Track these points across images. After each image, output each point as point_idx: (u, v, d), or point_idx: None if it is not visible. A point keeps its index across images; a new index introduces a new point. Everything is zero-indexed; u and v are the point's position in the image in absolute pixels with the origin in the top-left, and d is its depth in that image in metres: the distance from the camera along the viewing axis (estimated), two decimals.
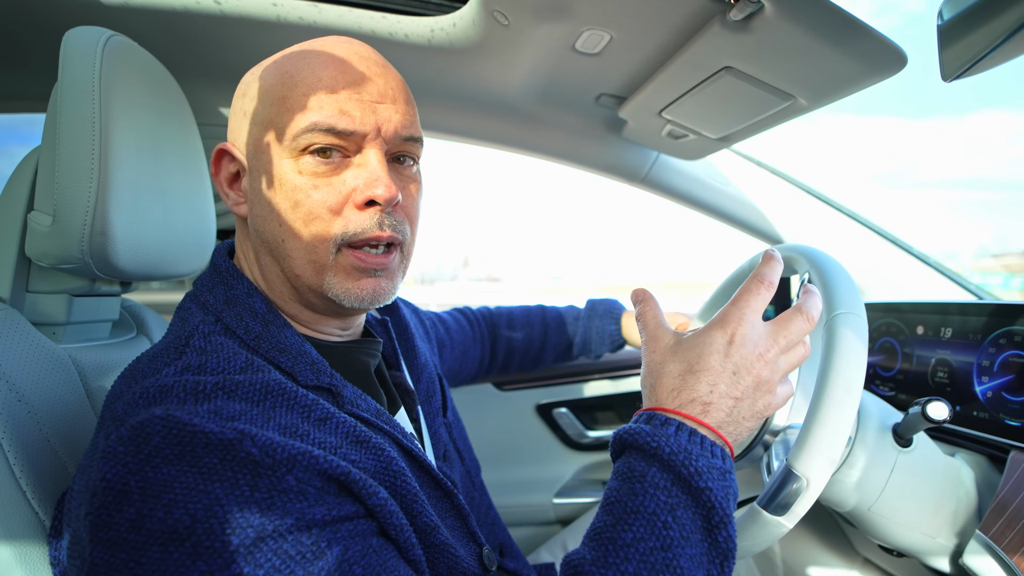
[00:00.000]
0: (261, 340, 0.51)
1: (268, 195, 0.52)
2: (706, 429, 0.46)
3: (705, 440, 0.45)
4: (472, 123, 1.16)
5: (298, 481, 0.40)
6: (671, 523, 0.42)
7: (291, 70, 0.52)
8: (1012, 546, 0.60)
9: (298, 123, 0.50)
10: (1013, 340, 0.74)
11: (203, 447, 0.39)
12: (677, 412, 0.47)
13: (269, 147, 0.52)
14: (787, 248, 0.76)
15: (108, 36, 0.60)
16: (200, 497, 0.37)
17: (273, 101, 0.52)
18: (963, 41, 0.49)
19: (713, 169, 1.23)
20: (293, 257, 0.52)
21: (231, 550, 0.37)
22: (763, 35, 0.66)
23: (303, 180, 0.51)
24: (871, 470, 0.66)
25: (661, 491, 0.43)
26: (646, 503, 0.43)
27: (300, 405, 0.46)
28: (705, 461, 0.44)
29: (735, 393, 0.47)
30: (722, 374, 0.47)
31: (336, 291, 0.53)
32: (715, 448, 0.46)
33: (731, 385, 0.47)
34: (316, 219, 0.51)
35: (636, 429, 0.47)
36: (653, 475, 0.44)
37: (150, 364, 0.48)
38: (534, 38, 0.80)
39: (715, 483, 0.43)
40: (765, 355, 0.48)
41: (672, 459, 0.44)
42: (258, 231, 0.54)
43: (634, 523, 0.43)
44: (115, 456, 0.39)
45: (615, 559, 0.42)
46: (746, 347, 0.48)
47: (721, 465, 0.45)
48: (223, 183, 0.57)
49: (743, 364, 0.48)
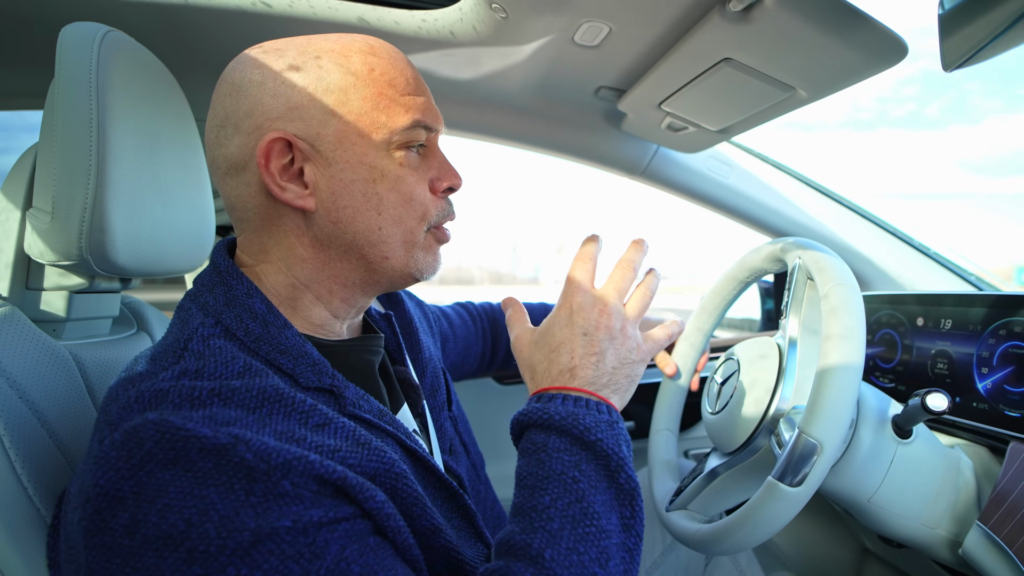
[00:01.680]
0: (261, 342, 0.51)
1: (363, 185, 0.54)
2: (580, 392, 0.52)
3: (587, 401, 0.51)
4: (470, 117, 1.15)
5: (294, 486, 0.40)
6: (579, 477, 0.47)
7: (377, 67, 0.54)
8: (1011, 536, 0.60)
9: (401, 120, 0.54)
10: (1013, 331, 0.74)
11: (197, 452, 0.39)
12: (553, 387, 0.53)
13: (362, 140, 0.53)
14: (774, 242, 0.77)
15: (105, 32, 0.60)
16: (195, 502, 0.37)
17: (366, 96, 0.53)
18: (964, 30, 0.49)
19: (713, 162, 1.22)
20: (389, 243, 0.56)
21: (227, 554, 0.36)
22: (763, 26, 0.66)
23: (405, 172, 0.56)
24: (871, 461, 0.66)
25: (563, 452, 0.48)
26: (553, 467, 0.48)
27: (298, 411, 0.46)
28: (591, 418, 0.50)
29: (593, 350, 0.53)
30: (574, 340, 0.54)
31: (421, 265, 0.59)
32: (599, 405, 0.51)
33: (586, 345, 0.54)
34: (417, 207, 0.57)
35: (528, 409, 0.52)
36: (553, 442, 0.49)
37: (147, 367, 0.47)
38: (532, 31, 0.80)
39: (604, 434, 0.49)
40: (605, 309, 0.55)
41: (563, 423, 0.49)
42: (340, 221, 0.54)
43: (548, 487, 0.47)
44: (108, 461, 0.39)
45: (540, 522, 0.45)
46: (585, 310, 0.55)
47: (608, 418, 0.51)
48: (276, 174, 0.52)
49: (588, 325, 0.54)
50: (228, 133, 0.54)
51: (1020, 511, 0.61)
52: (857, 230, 1.28)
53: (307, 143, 0.52)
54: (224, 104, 0.54)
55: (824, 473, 0.57)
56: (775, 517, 0.59)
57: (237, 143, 0.53)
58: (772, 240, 0.78)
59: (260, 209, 0.55)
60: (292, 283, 0.56)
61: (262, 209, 0.54)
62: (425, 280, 0.61)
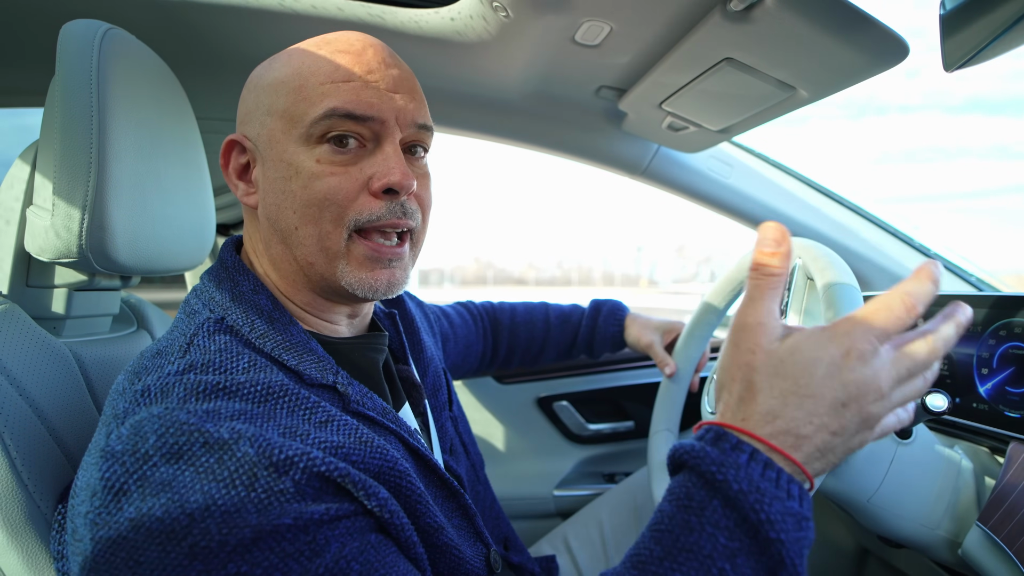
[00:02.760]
0: (266, 338, 0.51)
1: (282, 183, 0.52)
2: (790, 463, 0.39)
3: (783, 476, 0.38)
4: (472, 116, 1.15)
5: (295, 483, 0.40)
6: (728, 571, 0.36)
7: (307, 61, 0.53)
8: (1011, 536, 0.60)
9: (316, 110, 0.51)
10: (1013, 332, 0.74)
11: (200, 447, 0.39)
12: (762, 440, 0.39)
13: (284, 136, 0.52)
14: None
15: (105, 29, 0.60)
16: (197, 497, 0.37)
17: (289, 91, 0.52)
18: (965, 31, 0.49)
19: (714, 162, 1.22)
20: (306, 244, 0.52)
21: (228, 551, 0.37)
22: (764, 25, 0.66)
23: (319, 168, 0.51)
24: (870, 462, 0.66)
25: (722, 532, 0.37)
26: (702, 543, 0.37)
27: (302, 407, 0.46)
28: (780, 505, 0.37)
29: (834, 427, 0.39)
30: (822, 403, 0.39)
31: (350, 280, 0.53)
32: (792, 487, 0.38)
33: (833, 417, 0.39)
34: (331, 205, 0.51)
35: (699, 451, 0.39)
36: (714, 511, 0.38)
37: (153, 361, 0.48)
38: (534, 30, 0.80)
39: (789, 534, 0.36)
40: (882, 387, 0.39)
41: (740, 498, 0.37)
42: (270, 220, 0.54)
43: (685, 562, 0.37)
44: (113, 455, 0.39)
45: None
46: (855, 374, 0.39)
47: (799, 510, 0.37)
48: (232, 174, 0.57)
49: (854, 395, 0.39)
50: None
51: (1020, 511, 0.61)
52: (857, 230, 1.28)
53: (252, 143, 0.55)
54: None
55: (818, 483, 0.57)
56: None
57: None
58: None
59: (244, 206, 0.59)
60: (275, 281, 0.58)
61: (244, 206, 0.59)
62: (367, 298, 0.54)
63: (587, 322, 1.12)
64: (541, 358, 1.16)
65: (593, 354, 1.14)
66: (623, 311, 1.11)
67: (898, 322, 0.40)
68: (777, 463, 0.38)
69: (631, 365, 1.38)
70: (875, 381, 0.39)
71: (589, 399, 1.38)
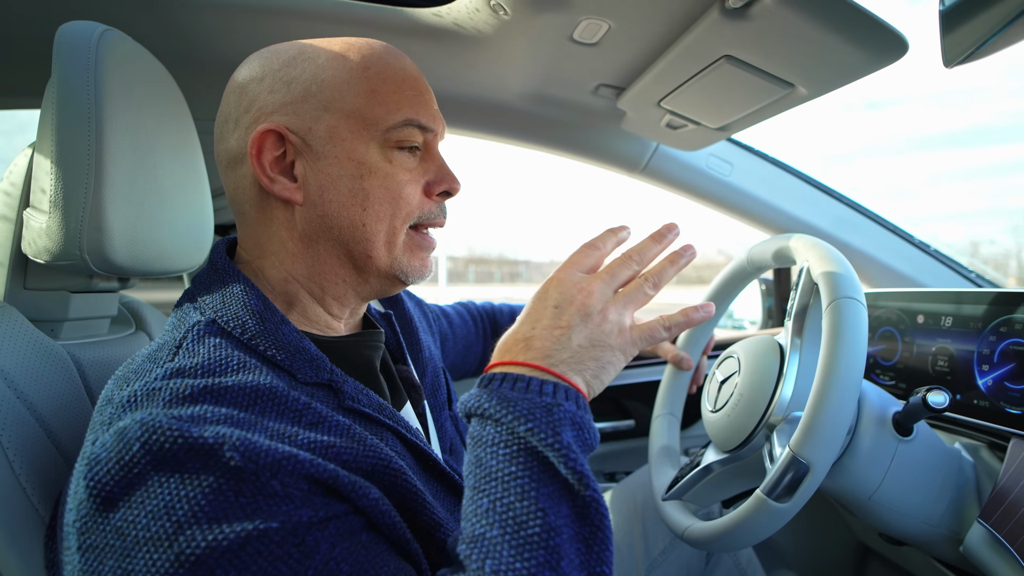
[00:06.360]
0: (258, 338, 0.51)
1: (351, 181, 0.54)
2: (528, 369, 0.46)
3: (531, 381, 0.45)
4: (470, 115, 1.15)
5: (283, 485, 0.40)
6: (517, 472, 0.42)
7: (373, 65, 0.55)
8: (1012, 533, 0.60)
9: (394, 117, 0.54)
10: (1013, 328, 0.73)
11: (185, 452, 0.38)
12: (502, 362, 0.48)
13: (353, 135, 0.54)
14: (785, 238, 0.76)
15: (102, 31, 0.60)
16: (183, 503, 0.37)
17: (359, 93, 0.54)
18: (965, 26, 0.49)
19: (713, 159, 1.22)
20: (372, 240, 0.55)
21: (216, 556, 0.36)
22: (762, 22, 0.66)
23: (393, 169, 0.55)
24: (872, 459, 0.66)
25: (500, 445, 0.43)
26: (491, 463, 0.43)
27: (291, 409, 0.46)
28: (526, 402, 0.44)
29: (559, 323, 0.48)
30: (543, 311, 0.49)
31: (405, 268, 0.58)
32: (543, 386, 0.45)
33: (553, 318, 0.48)
34: (404, 205, 0.56)
35: (465, 397, 0.47)
36: (489, 433, 0.44)
37: (142, 366, 0.47)
38: (532, 28, 0.80)
39: (539, 419, 0.43)
40: (586, 288, 0.49)
41: (495, 410, 0.44)
42: (325, 215, 0.54)
43: (487, 487, 0.42)
44: (98, 462, 0.39)
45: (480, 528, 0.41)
46: (563, 284, 0.50)
47: (549, 401, 0.44)
48: (268, 167, 0.54)
49: (562, 299, 0.49)
50: (229, 128, 0.56)
51: (1021, 508, 0.61)
52: (857, 227, 1.28)
53: (299, 137, 0.54)
54: (228, 101, 0.56)
55: (812, 490, 0.57)
56: (761, 529, 0.60)
57: (236, 137, 0.55)
58: (782, 236, 0.78)
59: (254, 202, 0.56)
60: (287, 278, 0.57)
61: (255, 202, 0.56)
62: (412, 284, 0.60)
63: None
64: None
65: None
66: None
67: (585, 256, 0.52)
68: (524, 373, 0.46)
69: (631, 364, 1.38)
70: (579, 285, 0.50)
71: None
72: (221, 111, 0.57)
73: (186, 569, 0.36)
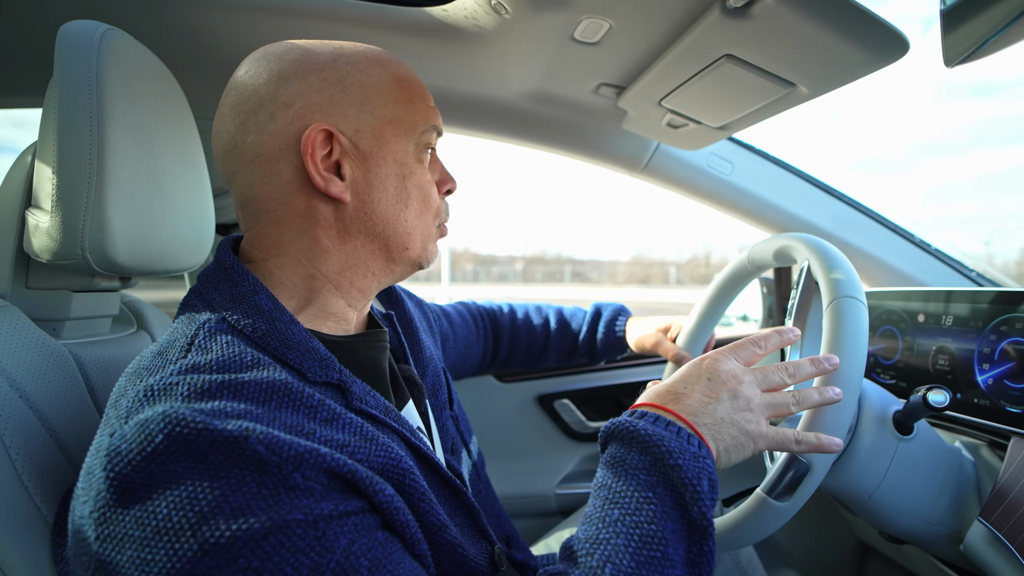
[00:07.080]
0: (268, 337, 0.51)
1: (398, 181, 0.57)
2: (676, 418, 0.52)
3: (681, 430, 0.50)
4: (471, 115, 1.15)
5: (304, 479, 0.40)
6: (652, 499, 0.47)
7: (400, 72, 0.58)
8: (1013, 532, 0.60)
9: (424, 124, 0.58)
10: (1014, 327, 0.74)
11: (208, 444, 0.39)
12: (651, 404, 0.54)
13: (396, 139, 0.57)
14: (786, 237, 0.76)
15: (104, 30, 0.60)
16: (206, 494, 0.37)
17: (398, 100, 0.57)
18: (966, 26, 0.49)
19: (714, 158, 1.22)
20: (411, 234, 0.59)
21: (239, 546, 0.37)
22: (763, 22, 0.66)
23: (424, 169, 0.60)
24: (872, 458, 0.66)
25: (641, 471, 0.48)
26: (629, 483, 0.48)
27: (306, 405, 0.46)
28: (677, 444, 0.49)
29: (710, 393, 0.54)
30: (696, 379, 0.55)
31: (429, 257, 0.63)
32: (690, 437, 0.50)
33: (707, 388, 0.54)
34: (435, 202, 0.62)
35: (618, 421, 0.53)
36: (633, 458, 0.49)
37: (154, 361, 0.47)
38: (533, 28, 0.80)
39: (687, 463, 0.48)
40: (739, 376, 0.55)
41: (647, 441, 0.49)
42: (372, 213, 0.56)
43: (620, 501, 0.47)
44: (119, 454, 0.39)
45: (606, 534, 0.46)
46: (720, 366, 0.56)
47: (696, 451, 0.49)
48: (320, 164, 0.53)
49: (717, 376, 0.55)
50: (261, 120, 0.52)
51: (1021, 507, 0.61)
52: (858, 226, 1.27)
53: (347, 138, 0.54)
54: (260, 91, 0.53)
55: (813, 489, 0.57)
56: (762, 527, 0.60)
57: (272, 131, 0.52)
58: (783, 235, 0.78)
59: (287, 200, 0.54)
60: (311, 274, 0.56)
61: (289, 200, 0.54)
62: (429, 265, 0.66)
63: (588, 327, 1.11)
64: (542, 361, 1.16)
65: (594, 359, 1.14)
66: (625, 313, 1.11)
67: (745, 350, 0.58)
68: (671, 421, 0.51)
69: (631, 363, 1.38)
70: (734, 371, 0.56)
71: (590, 397, 1.38)
72: (246, 99, 0.53)
73: (210, 557, 0.36)
